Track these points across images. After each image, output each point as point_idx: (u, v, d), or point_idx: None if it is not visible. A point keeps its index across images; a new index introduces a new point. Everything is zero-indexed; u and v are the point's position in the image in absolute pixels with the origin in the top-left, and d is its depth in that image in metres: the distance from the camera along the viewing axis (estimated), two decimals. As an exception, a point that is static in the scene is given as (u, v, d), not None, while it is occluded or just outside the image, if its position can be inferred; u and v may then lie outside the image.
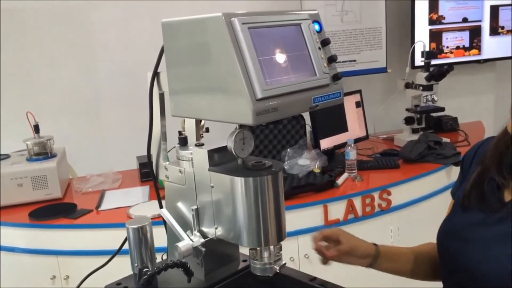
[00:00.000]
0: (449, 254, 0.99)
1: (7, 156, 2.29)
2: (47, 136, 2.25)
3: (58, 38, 2.58)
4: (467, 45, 3.14)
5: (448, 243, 0.99)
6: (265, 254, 0.93)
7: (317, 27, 0.92)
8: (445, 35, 3.09)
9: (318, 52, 0.90)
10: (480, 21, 3.12)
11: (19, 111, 2.24)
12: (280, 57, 0.84)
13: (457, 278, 0.97)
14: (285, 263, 0.96)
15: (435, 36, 3.07)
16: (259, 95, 0.78)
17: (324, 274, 1.07)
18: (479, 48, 3.16)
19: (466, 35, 3.12)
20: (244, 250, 1.03)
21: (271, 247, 0.92)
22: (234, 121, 0.82)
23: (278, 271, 0.93)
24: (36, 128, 2.23)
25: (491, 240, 0.90)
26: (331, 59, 0.92)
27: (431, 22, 3.05)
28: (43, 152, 2.23)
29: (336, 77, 0.92)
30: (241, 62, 0.77)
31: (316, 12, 0.93)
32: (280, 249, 0.94)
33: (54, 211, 2.03)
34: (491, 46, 3.16)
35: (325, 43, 0.91)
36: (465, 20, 3.10)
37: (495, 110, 3.43)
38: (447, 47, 3.11)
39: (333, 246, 1.10)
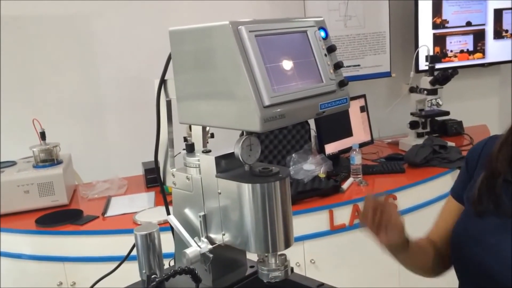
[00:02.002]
0: (468, 259, 0.98)
1: (14, 163, 2.30)
2: (53, 143, 2.27)
3: (63, 46, 2.60)
4: (471, 48, 3.14)
5: (467, 248, 0.98)
6: (273, 260, 0.93)
7: (323, 34, 0.92)
8: (449, 39, 3.09)
9: (324, 59, 0.90)
10: (484, 24, 3.13)
11: (25, 119, 2.26)
12: (287, 64, 0.85)
13: (477, 283, 0.97)
14: (292, 268, 0.96)
15: (439, 40, 3.07)
16: (267, 102, 0.78)
17: (330, 280, 1.07)
18: (483, 51, 3.16)
19: (470, 39, 3.12)
20: (252, 256, 1.04)
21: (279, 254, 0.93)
22: (242, 128, 0.83)
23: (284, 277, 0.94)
24: (43, 135, 2.24)
25: None
26: (337, 66, 0.92)
27: (435, 26, 3.05)
28: (49, 159, 2.24)
29: (342, 83, 0.92)
30: (248, 69, 0.78)
31: (322, 19, 0.94)
32: (285, 259, 0.94)
33: (61, 218, 2.04)
34: (495, 50, 3.16)
35: (331, 49, 0.92)
36: (468, 24, 3.10)
37: (500, 114, 3.42)
38: (451, 51, 3.11)
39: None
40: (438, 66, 2.74)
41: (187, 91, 0.90)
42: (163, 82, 1.01)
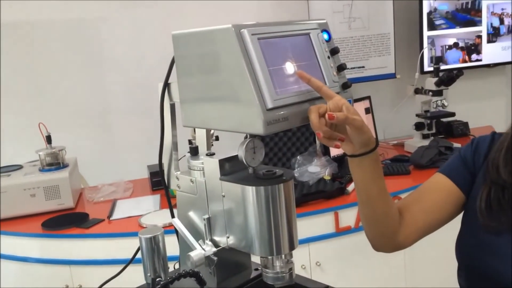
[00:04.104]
0: (483, 270, 0.96)
1: (20, 167, 2.31)
2: (59, 147, 2.28)
3: (69, 51, 2.62)
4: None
5: (483, 260, 0.96)
6: (277, 263, 0.93)
7: (326, 36, 0.92)
8: (454, 40, 3.08)
9: (327, 61, 0.90)
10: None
11: (31, 123, 2.27)
12: (290, 67, 0.85)
13: None
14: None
15: (444, 41, 3.06)
16: (270, 105, 0.79)
17: (336, 282, 1.06)
18: (488, 52, 3.14)
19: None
20: (256, 259, 1.04)
21: (283, 256, 0.92)
22: (245, 131, 0.83)
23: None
24: (48, 139, 2.25)
25: None
26: (341, 68, 0.92)
27: (440, 27, 3.04)
28: (55, 163, 2.25)
29: (346, 86, 0.92)
30: (251, 72, 0.78)
31: (324, 21, 0.94)
32: (291, 255, 0.94)
33: (67, 221, 2.05)
34: (501, 50, 3.14)
35: (334, 52, 0.92)
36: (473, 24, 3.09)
37: (506, 114, 3.40)
38: (456, 52, 3.10)
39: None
40: (443, 67, 2.73)
41: (190, 95, 0.91)
42: (166, 85, 1.01)
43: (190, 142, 1.09)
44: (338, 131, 0.91)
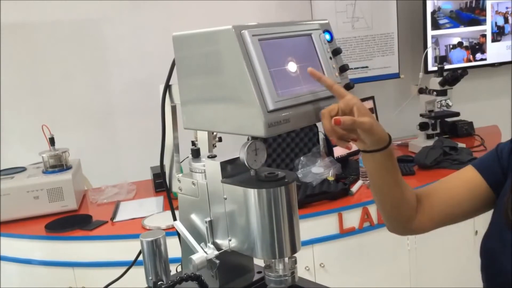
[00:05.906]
0: (503, 271, 0.93)
1: (23, 169, 2.32)
2: (62, 149, 2.28)
3: (72, 53, 2.62)
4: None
5: (503, 259, 0.93)
6: (280, 266, 0.93)
7: (328, 36, 0.91)
8: (458, 39, 3.06)
9: (329, 62, 0.90)
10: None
11: (34, 125, 2.27)
12: (291, 68, 0.84)
13: None
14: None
15: (448, 41, 3.04)
16: (271, 107, 0.78)
17: (340, 283, 1.05)
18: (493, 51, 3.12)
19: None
20: (259, 262, 1.03)
21: (286, 259, 0.92)
22: (246, 133, 0.82)
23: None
24: (52, 141, 2.26)
25: None
26: (343, 69, 0.92)
27: (444, 26, 3.02)
28: (59, 165, 2.25)
29: (348, 87, 0.91)
30: (252, 74, 0.77)
31: (326, 21, 0.93)
32: (295, 262, 0.93)
33: (70, 223, 2.05)
34: (506, 49, 3.12)
35: (336, 52, 0.91)
36: (477, 23, 3.07)
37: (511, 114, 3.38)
38: (461, 51, 3.08)
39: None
40: (447, 66, 2.71)
41: (191, 96, 0.90)
42: (167, 87, 1.01)
43: (193, 143, 1.08)
44: (350, 130, 0.90)
